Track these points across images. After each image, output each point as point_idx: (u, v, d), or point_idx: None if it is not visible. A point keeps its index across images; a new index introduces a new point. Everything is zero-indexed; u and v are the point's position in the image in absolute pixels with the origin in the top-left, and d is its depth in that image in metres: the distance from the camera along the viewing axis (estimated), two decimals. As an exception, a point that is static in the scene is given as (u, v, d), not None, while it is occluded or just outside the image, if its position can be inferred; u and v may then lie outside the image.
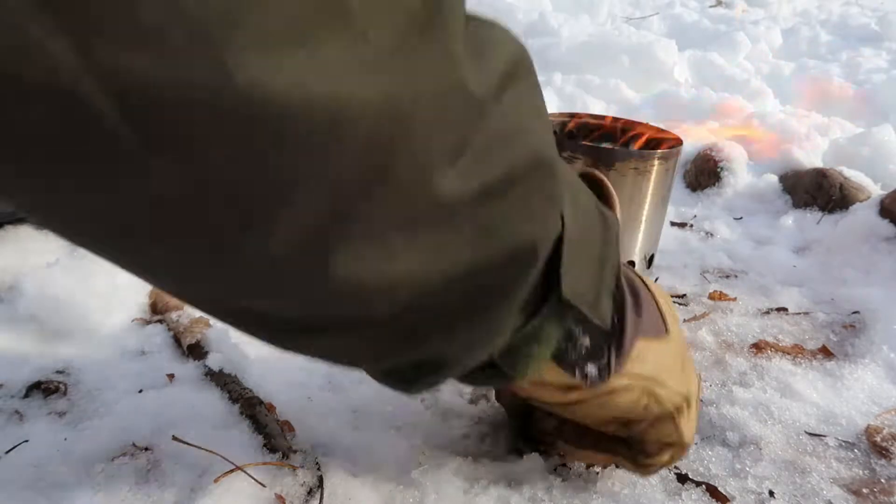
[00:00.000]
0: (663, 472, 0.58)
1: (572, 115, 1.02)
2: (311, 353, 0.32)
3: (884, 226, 0.99)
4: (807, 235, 1.09)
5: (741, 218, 1.17)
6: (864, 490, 0.57)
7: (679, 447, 0.49)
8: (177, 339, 0.69)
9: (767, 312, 0.85)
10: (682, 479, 0.57)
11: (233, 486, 0.52)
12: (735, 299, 0.88)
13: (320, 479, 0.54)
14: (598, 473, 0.57)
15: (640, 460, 0.50)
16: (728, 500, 0.55)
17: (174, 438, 0.56)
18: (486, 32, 0.28)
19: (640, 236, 0.90)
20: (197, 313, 0.73)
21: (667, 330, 0.46)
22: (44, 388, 0.61)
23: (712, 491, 0.55)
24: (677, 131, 0.94)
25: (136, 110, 0.19)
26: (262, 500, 0.52)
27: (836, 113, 1.67)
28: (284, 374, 0.67)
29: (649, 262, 0.94)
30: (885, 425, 0.64)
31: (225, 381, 0.63)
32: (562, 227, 0.34)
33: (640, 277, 0.46)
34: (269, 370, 0.66)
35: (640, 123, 0.98)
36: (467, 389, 0.67)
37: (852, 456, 0.61)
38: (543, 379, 0.42)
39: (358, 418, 0.62)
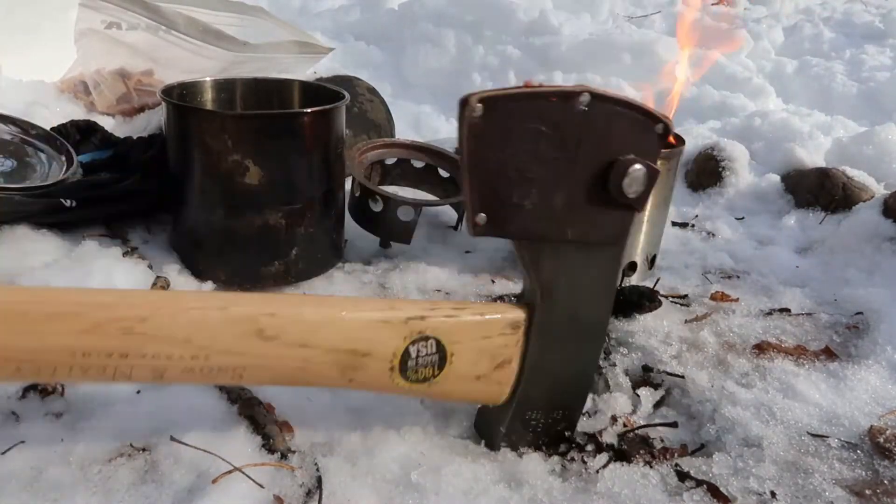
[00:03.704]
0: (665, 470, 0.57)
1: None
2: None
3: (887, 226, 0.99)
4: (809, 235, 1.09)
5: (743, 218, 1.17)
6: (867, 491, 0.56)
7: None
8: (175, 340, 0.69)
9: (770, 313, 0.85)
10: (684, 478, 0.56)
11: (231, 487, 0.52)
12: (737, 300, 0.88)
13: (319, 480, 0.54)
14: (597, 473, 0.56)
15: None
16: (730, 501, 0.54)
17: (172, 439, 0.56)
18: None
19: (642, 237, 0.90)
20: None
21: None
22: (40, 389, 0.61)
23: (714, 491, 0.55)
24: (679, 130, 0.94)
25: None
26: (261, 501, 0.52)
27: (838, 111, 1.66)
28: (283, 374, 0.67)
29: (651, 262, 0.94)
30: (888, 426, 0.63)
31: (223, 382, 0.63)
32: None
33: None
34: (267, 370, 0.66)
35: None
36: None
37: (855, 457, 0.60)
38: None
39: (357, 419, 0.61)
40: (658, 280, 0.90)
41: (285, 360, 0.45)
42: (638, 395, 0.67)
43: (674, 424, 0.63)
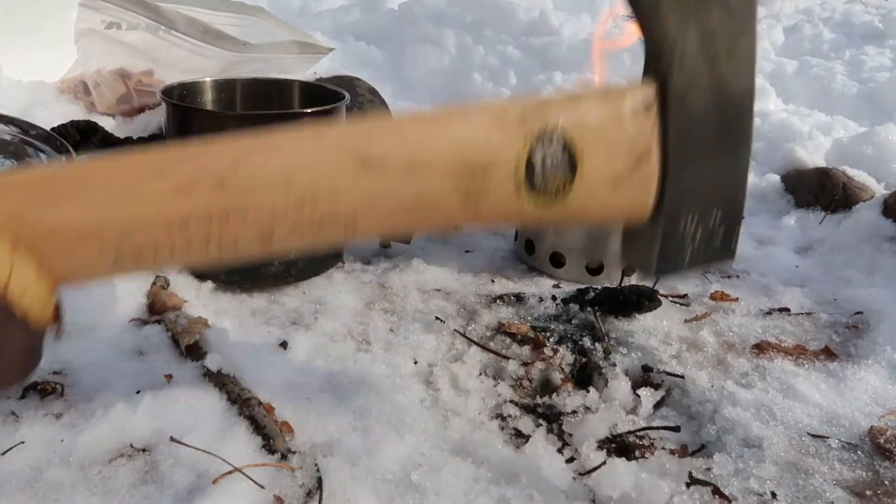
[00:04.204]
0: (666, 470, 0.57)
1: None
2: None
3: (887, 226, 0.99)
4: (809, 235, 1.09)
5: (743, 217, 1.17)
6: (868, 492, 0.56)
7: None
8: (175, 340, 0.69)
9: (769, 313, 0.85)
10: (686, 478, 0.56)
11: (231, 488, 0.52)
12: (737, 300, 0.88)
13: (319, 481, 0.54)
14: (598, 473, 0.56)
15: None
16: (730, 501, 0.54)
17: (172, 440, 0.56)
18: None
19: (642, 236, 0.89)
20: (196, 313, 0.73)
21: None
22: (40, 390, 0.61)
23: (714, 491, 0.55)
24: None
25: None
26: (261, 502, 0.52)
27: (839, 111, 1.66)
28: (283, 374, 0.67)
29: (651, 261, 0.93)
30: (888, 427, 0.63)
31: (223, 382, 0.63)
32: None
33: None
34: (267, 370, 0.66)
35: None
36: (468, 387, 0.67)
37: (855, 458, 0.60)
38: None
39: (357, 419, 0.61)
40: (658, 280, 0.90)
41: (398, 192, 0.39)
42: (638, 395, 0.67)
43: (676, 429, 0.63)
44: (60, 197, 0.34)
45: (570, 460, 0.58)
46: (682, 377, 0.70)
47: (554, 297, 0.84)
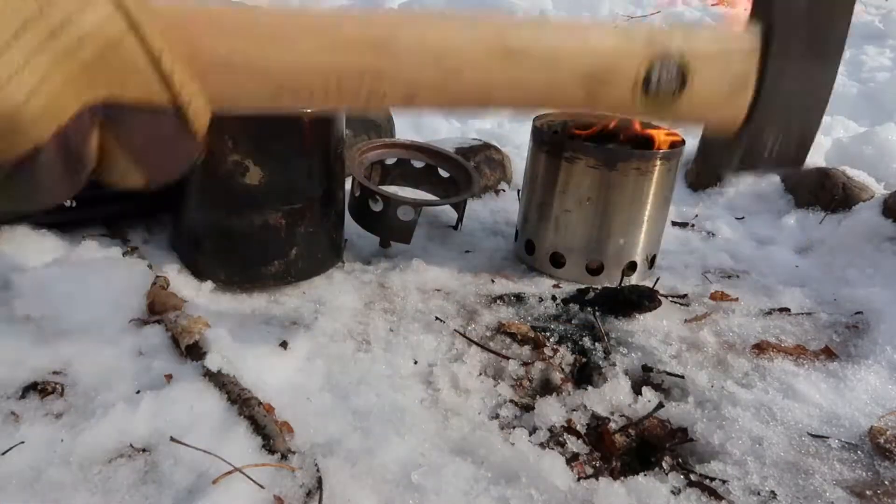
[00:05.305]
0: (665, 470, 0.57)
1: (574, 115, 1.02)
2: None
3: (887, 225, 0.99)
4: (809, 235, 1.09)
5: (743, 218, 1.17)
6: (868, 492, 0.56)
7: None
8: (175, 340, 0.69)
9: (769, 313, 0.85)
10: (684, 478, 0.56)
11: (231, 488, 0.52)
12: (737, 299, 0.88)
13: (319, 481, 0.54)
14: (598, 473, 0.56)
15: None
16: (730, 501, 0.54)
17: (172, 440, 0.56)
18: None
19: (642, 236, 0.90)
20: (196, 313, 0.73)
21: None
22: (40, 390, 0.61)
23: (714, 491, 0.55)
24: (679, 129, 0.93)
25: None
26: (261, 502, 0.52)
27: (839, 112, 1.67)
28: (283, 374, 0.67)
29: (651, 262, 0.94)
30: (888, 427, 0.63)
31: (223, 382, 0.63)
32: None
33: None
34: (267, 371, 0.66)
35: (641, 123, 0.97)
36: (468, 387, 0.67)
37: (855, 458, 0.60)
38: None
39: (357, 419, 0.61)
40: (658, 280, 0.90)
41: (532, 79, 0.44)
42: (638, 396, 0.67)
43: (660, 405, 0.63)
44: (234, 34, 0.37)
45: (571, 459, 0.58)
46: (682, 377, 0.70)
47: (554, 297, 0.84)
